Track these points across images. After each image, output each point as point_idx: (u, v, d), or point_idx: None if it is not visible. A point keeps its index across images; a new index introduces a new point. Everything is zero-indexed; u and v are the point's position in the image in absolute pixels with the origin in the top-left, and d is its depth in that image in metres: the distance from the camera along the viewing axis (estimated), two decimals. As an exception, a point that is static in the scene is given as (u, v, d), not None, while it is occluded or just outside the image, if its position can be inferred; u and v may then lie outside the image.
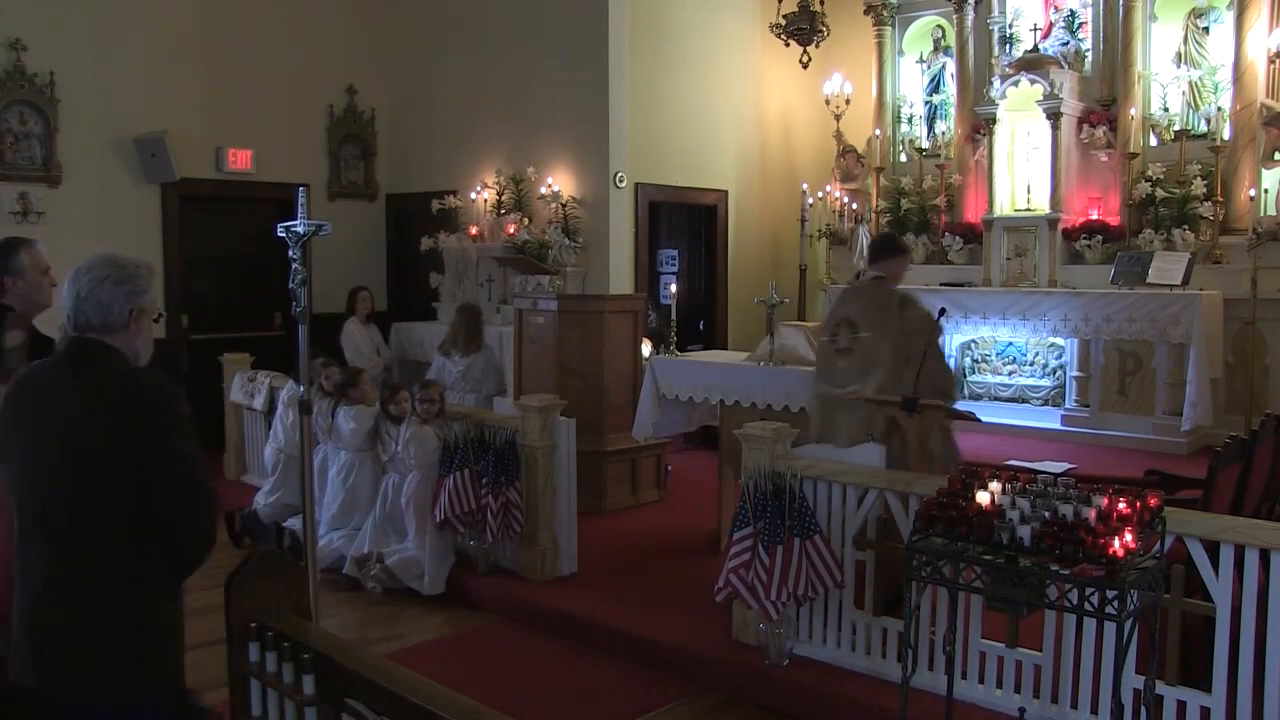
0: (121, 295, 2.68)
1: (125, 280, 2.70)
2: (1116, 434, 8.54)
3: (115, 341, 2.68)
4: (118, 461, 2.55)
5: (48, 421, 2.62)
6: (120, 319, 2.68)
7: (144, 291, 2.73)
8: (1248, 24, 8.59)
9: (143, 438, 2.56)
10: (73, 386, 2.63)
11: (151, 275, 2.80)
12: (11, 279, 3.85)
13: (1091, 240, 9.16)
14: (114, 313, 2.67)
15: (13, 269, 3.86)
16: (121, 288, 2.68)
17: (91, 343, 2.67)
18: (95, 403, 2.59)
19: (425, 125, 10.79)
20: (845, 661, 4.61)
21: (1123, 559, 2.91)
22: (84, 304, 2.66)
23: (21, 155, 8.49)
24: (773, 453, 4.61)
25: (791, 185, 11.25)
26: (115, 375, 2.66)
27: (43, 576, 2.63)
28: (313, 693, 2.49)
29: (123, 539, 2.58)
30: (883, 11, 10.78)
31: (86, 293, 2.66)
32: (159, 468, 2.57)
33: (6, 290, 3.85)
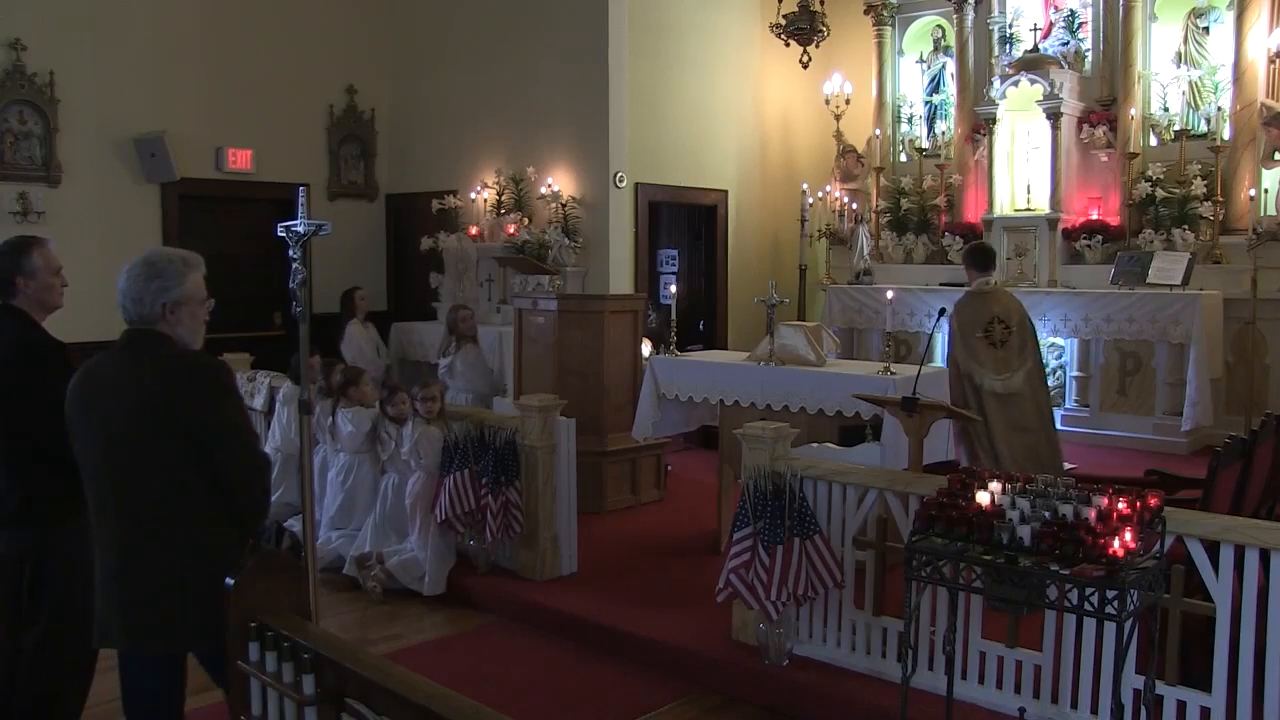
0: (152, 291, 2.92)
1: (155, 277, 2.93)
2: (1116, 434, 8.55)
3: (163, 329, 2.94)
4: (175, 432, 2.80)
5: (111, 404, 2.86)
6: (154, 313, 2.93)
7: (174, 287, 2.95)
8: (1248, 24, 8.59)
9: (195, 408, 2.83)
10: (130, 370, 2.88)
11: (188, 269, 3.02)
12: (24, 279, 3.73)
13: (1091, 240, 9.16)
14: (146, 307, 2.92)
15: (25, 269, 3.74)
16: (151, 284, 2.92)
17: (142, 331, 2.93)
18: (150, 382, 2.84)
19: (425, 125, 10.79)
20: (845, 661, 4.61)
21: (1123, 559, 2.91)
22: (123, 298, 2.94)
23: (21, 155, 8.49)
24: (773, 453, 4.60)
25: (791, 185, 11.25)
26: (166, 357, 2.91)
27: (123, 546, 2.88)
28: (312, 692, 2.49)
29: (187, 503, 2.84)
30: (883, 11, 10.78)
31: (124, 288, 2.94)
32: (213, 434, 2.84)
33: (18, 291, 3.74)
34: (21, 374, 3.68)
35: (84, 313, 8.69)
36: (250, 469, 2.95)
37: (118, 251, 8.92)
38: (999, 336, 6.30)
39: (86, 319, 8.77)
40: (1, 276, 3.74)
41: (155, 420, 2.82)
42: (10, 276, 3.73)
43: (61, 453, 3.71)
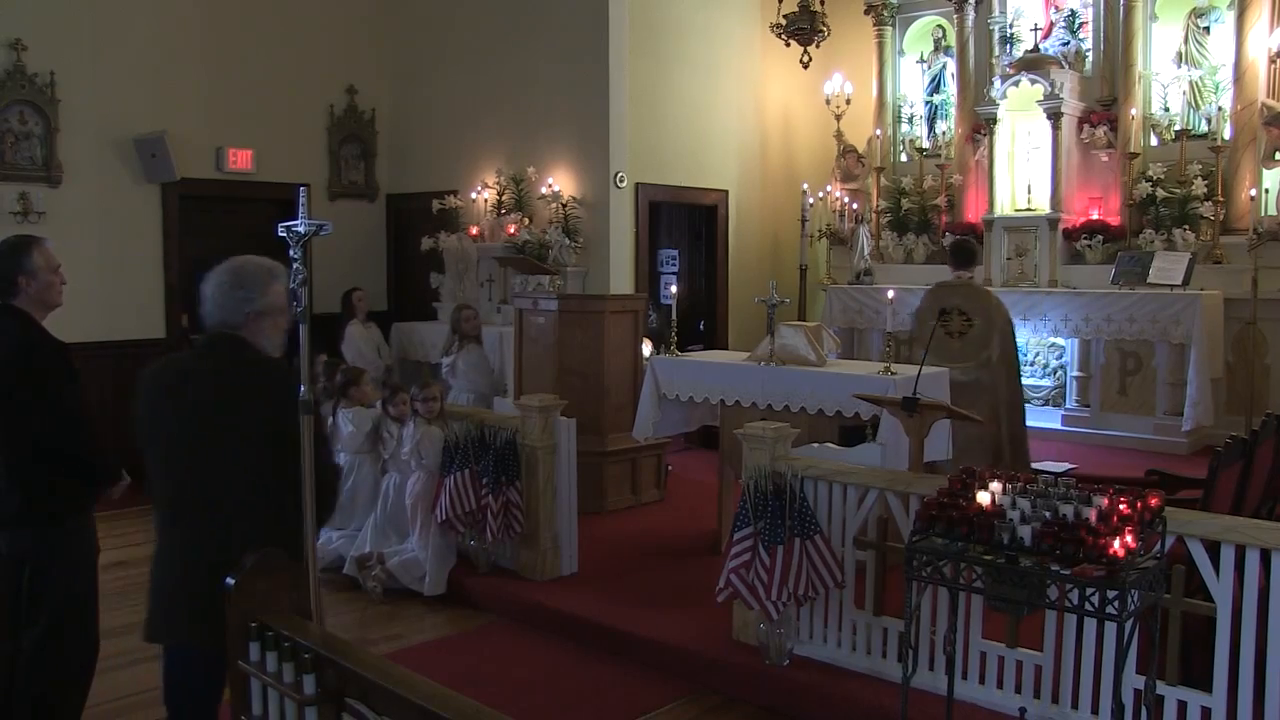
0: (236, 300, 2.98)
1: (239, 287, 2.99)
2: (1117, 434, 8.54)
3: (244, 335, 2.99)
4: (247, 436, 2.87)
5: (186, 404, 2.93)
6: (237, 320, 2.98)
7: (257, 298, 3.00)
8: (1248, 24, 8.59)
9: (268, 412, 2.89)
10: (206, 372, 2.97)
11: (272, 280, 3.05)
12: (25, 279, 3.74)
13: (1092, 240, 9.16)
14: (229, 314, 2.98)
15: (26, 268, 3.74)
16: (236, 293, 2.99)
17: (222, 335, 2.99)
18: (226, 385, 2.92)
19: (426, 125, 10.79)
20: (846, 661, 4.61)
21: (1123, 559, 2.91)
22: (207, 304, 3.01)
23: (22, 155, 8.48)
24: (773, 453, 4.60)
25: (792, 185, 11.24)
26: (242, 361, 2.98)
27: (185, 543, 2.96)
28: (313, 692, 2.49)
29: (255, 504, 2.89)
30: (883, 11, 10.78)
31: (209, 294, 3.00)
32: (284, 438, 2.87)
33: (19, 291, 3.75)
34: (23, 375, 3.68)
35: (85, 313, 8.74)
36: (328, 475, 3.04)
37: (118, 252, 9.00)
38: (956, 327, 6.52)
39: (87, 319, 8.81)
40: (3, 276, 3.74)
41: (228, 422, 2.88)
42: (12, 276, 3.74)
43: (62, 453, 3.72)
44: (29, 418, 3.68)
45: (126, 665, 5.04)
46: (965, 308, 6.58)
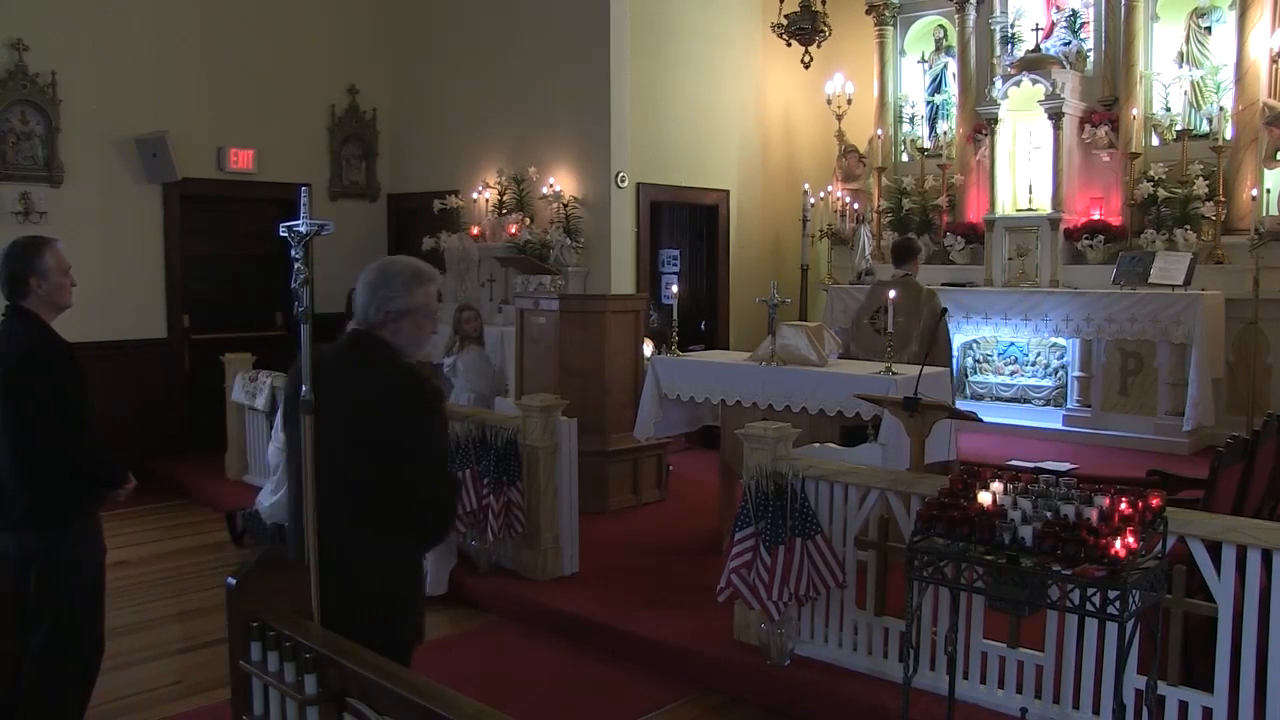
0: (378, 298, 2.99)
1: (383, 285, 3.00)
2: (1118, 434, 8.54)
3: (385, 335, 3.00)
4: (368, 436, 2.89)
5: (325, 398, 2.90)
6: (376, 319, 3.00)
7: (399, 297, 2.99)
8: (1250, 24, 8.58)
9: (391, 418, 2.89)
10: (344, 370, 2.98)
11: (416, 282, 3.04)
12: (36, 280, 3.74)
13: (1093, 240, 9.15)
14: (370, 313, 3.00)
15: (38, 269, 3.74)
16: (377, 292, 2.99)
17: (364, 334, 3.02)
18: (358, 384, 2.94)
19: (427, 125, 10.79)
20: (847, 661, 4.61)
21: (1124, 559, 2.91)
22: (356, 303, 3.05)
23: (23, 155, 8.49)
24: (774, 453, 4.60)
25: (793, 185, 11.24)
26: (379, 363, 2.98)
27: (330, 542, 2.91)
28: (314, 692, 2.49)
29: (372, 503, 2.90)
30: (884, 11, 10.77)
31: (357, 291, 3.04)
32: (402, 446, 2.88)
33: (30, 292, 3.75)
34: (31, 377, 3.69)
35: (86, 313, 8.70)
36: (437, 488, 3.00)
37: (119, 252, 9.01)
38: (882, 323, 6.80)
39: (88, 319, 8.81)
40: (15, 277, 3.75)
41: (354, 425, 2.90)
42: (24, 276, 3.74)
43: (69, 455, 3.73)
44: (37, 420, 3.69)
45: (126, 665, 5.05)
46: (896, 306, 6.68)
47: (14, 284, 3.75)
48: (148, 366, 9.18)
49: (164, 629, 5.61)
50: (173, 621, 5.72)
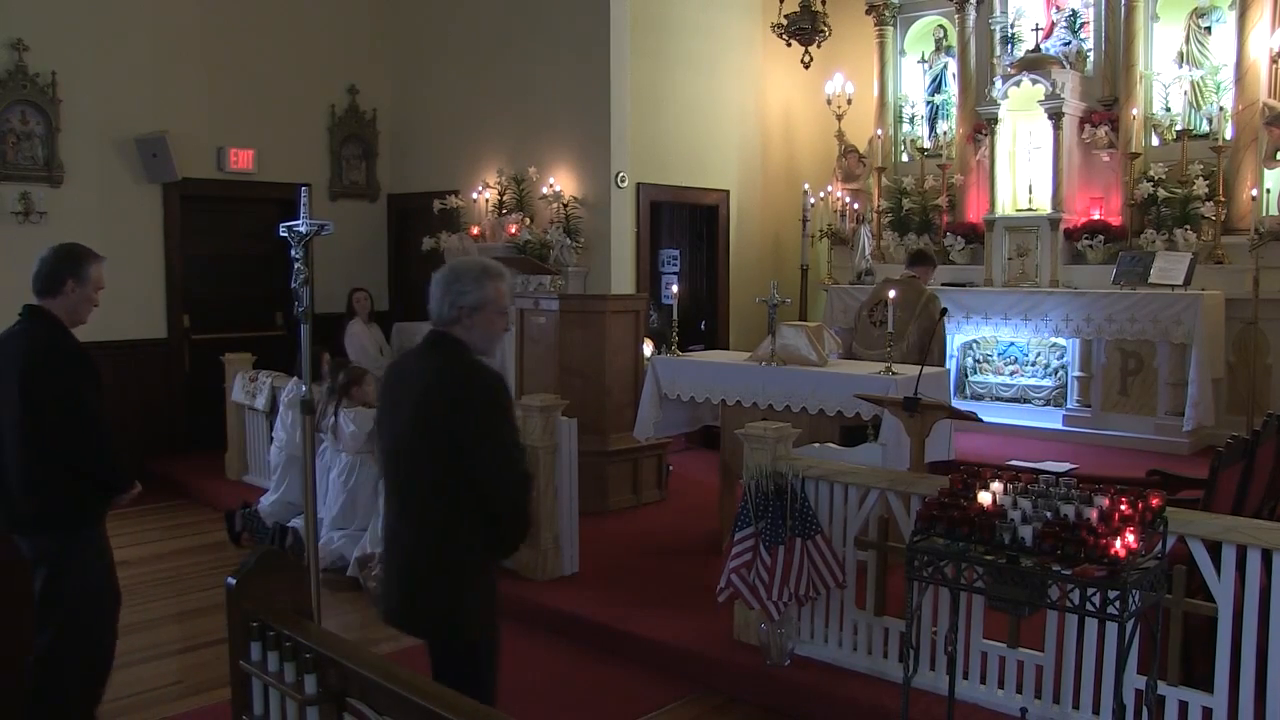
0: (449, 296, 3.09)
1: (454, 281, 3.10)
2: (1118, 434, 8.54)
3: (458, 333, 3.09)
4: (440, 433, 2.97)
5: (404, 396, 3.09)
6: (450, 315, 3.08)
7: (470, 292, 3.08)
8: (1250, 24, 8.59)
9: (463, 417, 2.97)
10: (422, 368, 3.10)
11: (486, 277, 3.13)
12: (74, 284, 3.80)
13: (1093, 240, 9.16)
14: (444, 310, 3.09)
15: (79, 275, 3.82)
16: (451, 287, 3.09)
17: (440, 334, 3.11)
18: (434, 383, 3.03)
19: (427, 125, 10.79)
20: (847, 661, 4.61)
21: (1124, 559, 2.91)
22: (434, 302, 3.13)
23: (23, 155, 8.49)
24: (774, 453, 4.60)
25: (793, 185, 11.25)
26: (453, 362, 3.07)
27: (390, 527, 3.16)
28: (314, 692, 2.49)
29: (441, 500, 3.00)
30: (884, 11, 10.78)
31: (433, 291, 3.13)
32: (472, 444, 2.96)
33: (62, 293, 3.78)
34: (46, 379, 3.71)
35: (86, 313, 8.74)
36: (509, 486, 3.04)
37: (119, 252, 8.98)
38: (880, 316, 7.14)
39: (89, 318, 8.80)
40: (56, 275, 3.80)
41: (429, 423, 2.99)
42: (63, 277, 3.79)
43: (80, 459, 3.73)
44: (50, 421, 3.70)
45: (127, 665, 5.04)
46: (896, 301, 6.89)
47: (51, 281, 3.79)
48: (148, 366, 9.17)
49: (164, 629, 5.61)
50: (173, 621, 5.72)
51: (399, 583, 3.12)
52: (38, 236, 8.47)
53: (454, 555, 3.03)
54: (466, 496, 2.98)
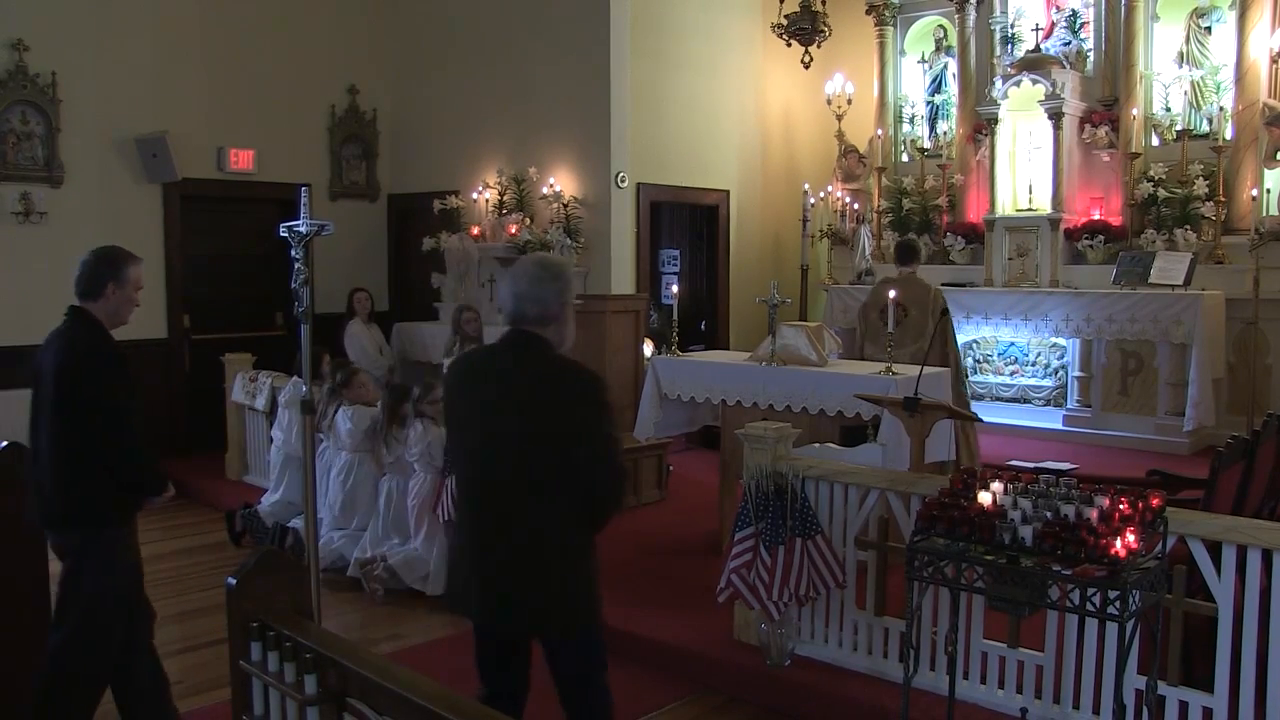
0: (555, 292, 3.11)
1: (555, 279, 3.12)
2: (1118, 434, 8.54)
3: (545, 333, 3.11)
4: (555, 430, 3.02)
5: (500, 396, 3.07)
6: (556, 312, 3.12)
7: (568, 289, 3.15)
8: (1250, 24, 8.59)
9: (577, 414, 3.04)
10: (520, 370, 3.09)
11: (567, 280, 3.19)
12: (114, 286, 3.84)
13: (1093, 240, 9.16)
14: (550, 307, 3.10)
15: (120, 278, 3.86)
16: (555, 285, 3.11)
17: (530, 334, 3.11)
18: (542, 384, 3.07)
19: (427, 125, 10.79)
20: (847, 662, 4.61)
21: (1124, 559, 2.91)
22: (524, 301, 3.09)
23: (24, 155, 8.49)
24: (774, 453, 4.60)
25: (793, 185, 11.25)
26: (555, 361, 3.14)
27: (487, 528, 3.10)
28: (314, 692, 2.49)
29: (559, 494, 3.04)
30: (884, 11, 10.78)
31: (525, 290, 3.09)
32: (584, 440, 3.04)
33: (104, 296, 3.82)
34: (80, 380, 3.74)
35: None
36: (614, 478, 3.16)
37: (120, 252, 8.99)
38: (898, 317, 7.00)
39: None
40: (96, 279, 3.83)
41: (544, 421, 3.02)
42: (104, 280, 3.83)
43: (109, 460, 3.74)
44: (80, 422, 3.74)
45: (128, 665, 5.05)
46: (903, 300, 7.02)
47: (92, 284, 3.83)
48: (148, 366, 9.15)
49: (164, 629, 5.57)
50: (173, 621, 5.71)
51: (515, 582, 3.07)
52: (38, 237, 8.49)
53: (575, 546, 3.11)
54: (576, 489, 3.05)
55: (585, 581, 3.15)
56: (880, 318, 7.43)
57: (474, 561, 3.12)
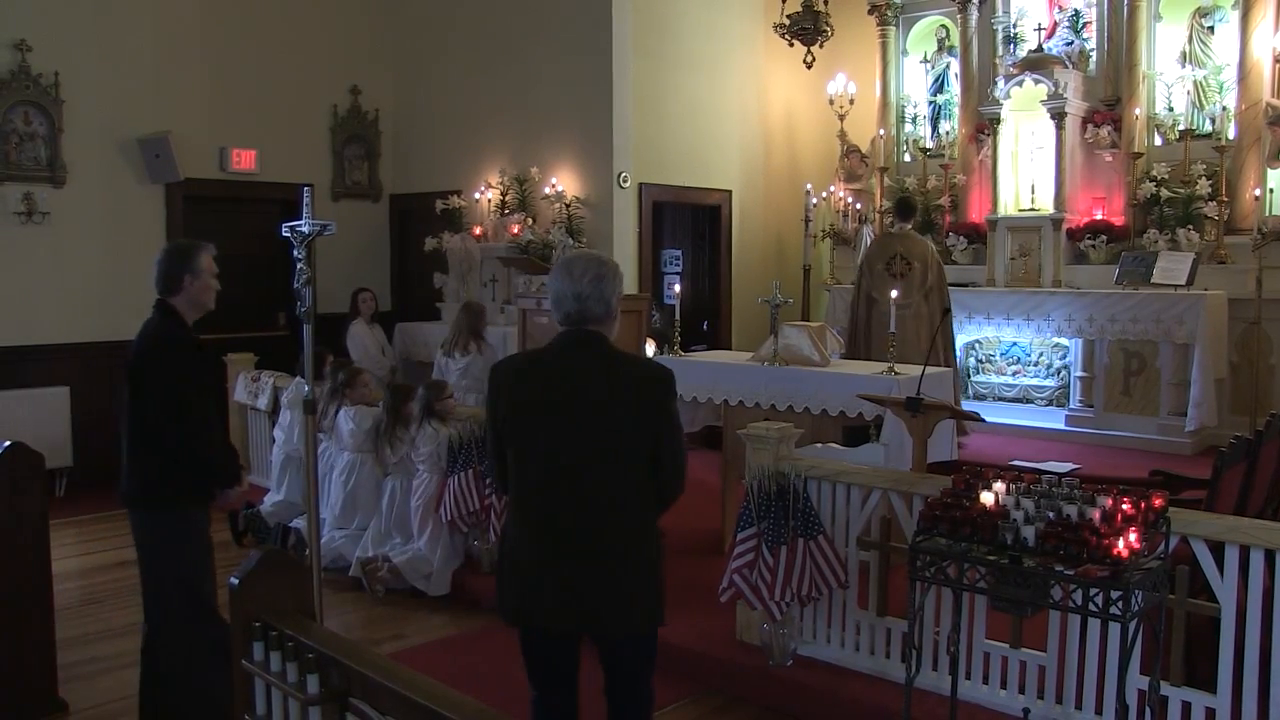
0: (614, 291, 3.12)
1: (613, 278, 3.13)
2: (1121, 434, 8.52)
3: (604, 329, 3.13)
4: (641, 426, 3.05)
5: (571, 400, 3.06)
6: (615, 310, 3.14)
7: (621, 287, 3.16)
8: (1253, 23, 8.58)
9: (658, 408, 3.08)
10: (594, 370, 3.09)
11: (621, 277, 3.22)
12: (190, 278, 4.02)
13: (1096, 240, 9.14)
14: (613, 307, 3.13)
15: (193, 269, 4.03)
16: (614, 283, 3.13)
17: (593, 332, 3.11)
18: (624, 382, 3.08)
19: (429, 125, 10.79)
20: (849, 662, 4.61)
21: (1127, 559, 2.91)
22: (588, 301, 3.08)
23: (26, 155, 8.49)
24: (776, 453, 4.60)
25: (795, 185, 11.24)
26: (626, 357, 3.21)
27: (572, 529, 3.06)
28: (316, 692, 2.49)
29: (634, 493, 3.09)
30: (886, 11, 10.77)
31: (591, 291, 3.08)
32: (662, 435, 3.08)
33: (182, 289, 4.00)
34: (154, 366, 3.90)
35: (88, 313, 8.76)
36: (682, 465, 3.21)
37: (122, 252, 9.01)
38: (899, 269, 8.12)
39: (90, 319, 8.82)
40: (172, 275, 4.02)
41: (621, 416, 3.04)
42: (179, 275, 4.02)
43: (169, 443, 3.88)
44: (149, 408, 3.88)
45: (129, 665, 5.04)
46: (906, 254, 8.14)
47: (170, 281, 4.02)
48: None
49: (166, 629, 5.60)
50: (175, 621, 5.71)
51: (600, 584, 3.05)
52: (40, 237, 8.50)
53: (652, 545, 3.16)
54: (650, 484, 3.11)
55: (660, 579, 3.19)
56: (886, 269, 8.13)
57: (547, 564, 3.07)
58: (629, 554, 3.09)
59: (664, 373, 3.14)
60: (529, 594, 3.11)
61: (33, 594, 4.37)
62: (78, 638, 5.32)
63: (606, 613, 3.08)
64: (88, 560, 6.82)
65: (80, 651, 5.16)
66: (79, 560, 6.79)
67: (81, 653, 5.15)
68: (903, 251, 8.20)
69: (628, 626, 3.14)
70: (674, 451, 3.14)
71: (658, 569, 3.17)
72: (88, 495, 8.27)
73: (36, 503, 4.39)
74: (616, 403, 3.06)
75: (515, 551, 3.14)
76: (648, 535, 3.16)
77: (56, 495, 8.14)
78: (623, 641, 3.19)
